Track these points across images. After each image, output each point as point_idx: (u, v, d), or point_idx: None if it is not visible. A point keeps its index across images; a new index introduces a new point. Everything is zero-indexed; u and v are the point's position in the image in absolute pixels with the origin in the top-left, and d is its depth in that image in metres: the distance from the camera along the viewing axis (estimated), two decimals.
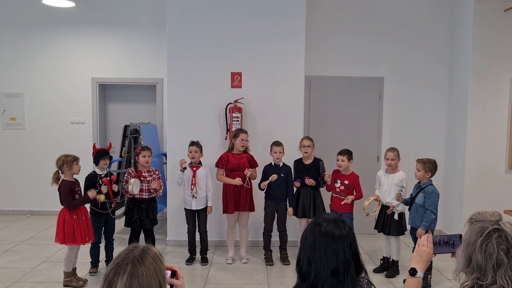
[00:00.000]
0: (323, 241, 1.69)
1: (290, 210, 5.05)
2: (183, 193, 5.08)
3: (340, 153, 4.90)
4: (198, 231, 5.11)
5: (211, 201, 5.06)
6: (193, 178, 4.96)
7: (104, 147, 4.82)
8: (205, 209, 5.06)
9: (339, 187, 4.87)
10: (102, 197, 4.43)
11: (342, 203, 4.80)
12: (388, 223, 4.70)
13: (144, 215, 4.76)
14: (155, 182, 4.78)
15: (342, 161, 4.85)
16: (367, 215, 4.74)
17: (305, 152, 5.00)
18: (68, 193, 4.24)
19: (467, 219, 1.72)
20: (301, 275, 1.72)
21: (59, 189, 4.29)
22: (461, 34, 5.82)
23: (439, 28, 6.14)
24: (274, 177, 4.93)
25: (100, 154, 4.56)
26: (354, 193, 4.84)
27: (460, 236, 1.76)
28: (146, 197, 4.77)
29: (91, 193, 4.36)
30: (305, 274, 1.70)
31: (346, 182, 4.85)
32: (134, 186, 4.63)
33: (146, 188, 4.75)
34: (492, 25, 5.48)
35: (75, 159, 4.33)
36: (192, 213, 5.06)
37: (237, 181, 4.93)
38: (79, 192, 4.37)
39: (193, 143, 5.02)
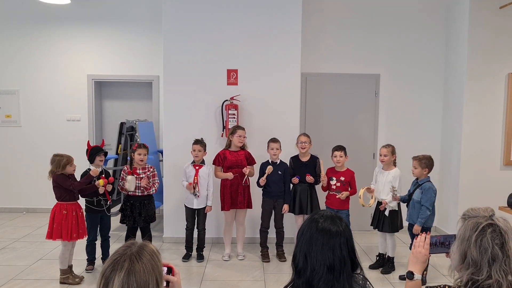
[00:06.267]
0: (319, 238, 1.69)
1: (285, 207, 5.06)
2: (185, 191, 5.08)
3: (338, 149, 4.89)
4: (197, 228, 5.11)
5: (210, 200, 5.05)
6: (195, 177, 4.95)
7: (97, 145, 4.81)
8: (205, 207, 5.06)
9: (335, 184, 4.88)
10: (101, 182, 4.42)
11: (337, 196, 4.81)
12: (382, 219, 4.73)
13: (137, 212, 4.75)
14: (144, 180, 4.74)
15: (341, 156, 4.86)
16: (363, 206, 4.75)
17: (302, 148, 5.01)
18: (65, 181, 4.24)
19: (461, 216, 1.73)
20: (297, 271, 1.72)
21: (54, 182, 4.27)
22: (456, 31, 5.83)
23: (435, 25, 6.15)
24: (270, 168, 4.93)
25: (95, 151, 4.55)
26: (350, 190, 4.86)
27: (455, 236, 1.77)
28: (140, 194, 4.76)
29: (94, 171, 4.37)
30: (301, 270, 1.71)
31: (342, 178, 4.86)
32: (130, 183, 4.64)
33: (140, 185, 4.74)
34: (488, 22, 5.49)
35: (69, 162, 4.29)
36: (192, 211, 5.05)
37: (230, 174, 4.94)
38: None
39: (197, 142, 4.98)
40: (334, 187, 4.88)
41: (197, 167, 4.97)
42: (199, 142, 4.97)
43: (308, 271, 1.68)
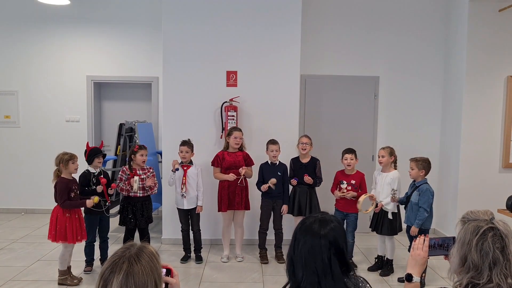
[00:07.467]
0: (307, 240, 1.70)
1: (285, 207, 5.06)
2: (175, 193, 5.08)
3: (348, 151, 4.87)
4: (192, 230, 5.10)
5: (201, 201, 5.04)
6: (184, 178, 4.95)
7: (96, 146, 4.81)
8: (196, 208, 5.05)
9: (346, 188, 4.86)
10: (96, 199, 4.42)
11: (340, 194, 4.80)
12: (381, 222, 4.72)
13: (139, 213, 4.75)
14: (149, 180, 4.76)
15: (351, 159, 4.84)
16: (359, 211, 4.75)
17: (303, 149, 5.00)
18: (64, 191, 4.23)
19: (460, 219, 1.72)
20: (289, 274, 1.75)
21: (55, 186, 4.28)
22: (456, 34, 5.84)
23: (435, 28, 6.15)
24: (273, 181, 4.93)
25: (94, 153, 4.55)
26: (359, 192, 4.84)
27: (454, 238, 1.77)
28: (141, 195, 4.76)
29: (89, 202, 4.35)
30: (290, 273, 1.74)
31: (353, 181, 4.84)
32: (137, 184, 4.66)
33: (141, 186, 4.74)
34: (487, 25, 5.50)
35: (72, 158, 4.30)
36: (184, 212, 5.05)
37: (231, 176, 4.94)
38: (75, 190, 4.35)
39: (184, 143, 4.99)
40: (345, 190, 4.84)
41: (185, 168, 4.97)
42: (187, 143, 4.97)
43: (296, 274, 1.71)
